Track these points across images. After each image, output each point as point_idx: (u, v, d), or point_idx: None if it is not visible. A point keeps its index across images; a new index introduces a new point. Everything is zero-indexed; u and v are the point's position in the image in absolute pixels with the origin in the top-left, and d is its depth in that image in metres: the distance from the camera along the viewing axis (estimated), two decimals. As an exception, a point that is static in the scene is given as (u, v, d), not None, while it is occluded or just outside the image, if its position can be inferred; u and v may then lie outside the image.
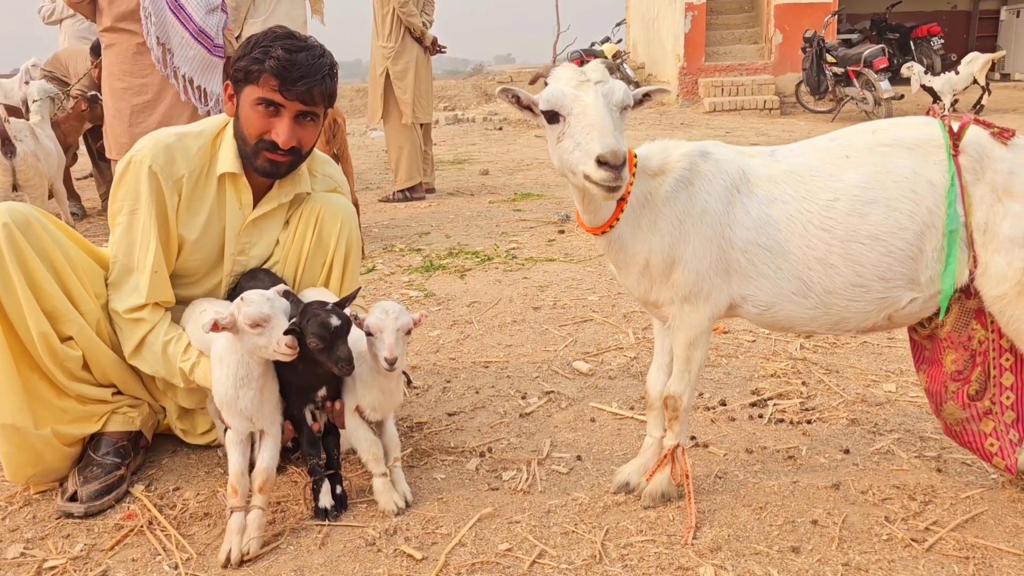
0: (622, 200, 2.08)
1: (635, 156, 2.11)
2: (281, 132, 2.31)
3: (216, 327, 2.00)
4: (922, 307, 2.04)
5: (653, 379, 2.31)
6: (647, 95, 2.03)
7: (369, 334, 2.15)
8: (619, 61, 17.12)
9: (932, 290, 2.00)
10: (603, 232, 2.12)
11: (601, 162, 1.80)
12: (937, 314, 2.07)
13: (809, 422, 2.73)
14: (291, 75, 2.25)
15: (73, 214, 6.79)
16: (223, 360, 2.13)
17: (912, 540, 2.04)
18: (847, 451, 2.52)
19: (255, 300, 2.05)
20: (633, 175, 2.09)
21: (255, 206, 2.50)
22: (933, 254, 1.96)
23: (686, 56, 15.25)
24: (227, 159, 2.41)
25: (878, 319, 2.06)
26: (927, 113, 2.15)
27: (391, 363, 2.11)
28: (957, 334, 2.07)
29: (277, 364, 2.18)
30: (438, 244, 5.70)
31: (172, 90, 4.37)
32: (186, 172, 2.39)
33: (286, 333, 2.03)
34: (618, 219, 2.09)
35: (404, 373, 2.38)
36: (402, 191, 7.62)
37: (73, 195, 7.16)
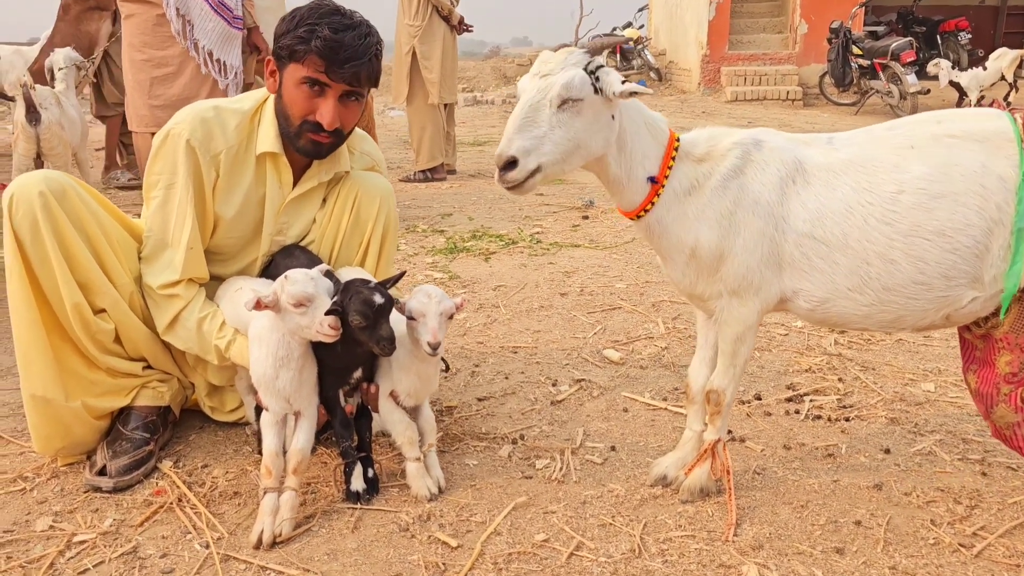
0: (656, 185, 2.03)
1: (677, 140, 2.06)
2: (326, 113, 2.25)
3: (259, 305, 1.96)
4: (982, 306, 1.97)
5: (695, 372, 2.25)
6: (633, 93, 1.91)
7: (411, 318, 2.10)
8: (640, 47, 16.98)
9: (994, 289, 1.93)
10: (637, 217, 2.07)
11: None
12: (995, 313, 2.00)
13: (847, 419, 2.67)
14: (338, 57, 2.18)
15: (131, 182, 6.77)
16: (262, 340, 2.08)
17: (960, 545, 1.99)
18: (888, 451, 2.47)
19: (299, 279, 2.00)
20: (673, 160, 2.04)
21: (294, 185, 2.44)
22: (999, 252, 1.89)
23: (709, 44, 15.09)
24: (267, 138, 2.36)
25: (936, 318, 2.00)
26: (957, 104, 2.09)
27: (434, 348, 2.06)
28: (1015, 335, 2.00)
29: (314, 344, 2.13)
30: (461, 226, 5.65)
31: (192, 63, 4.31)
32: (224, 148, 2.33)
33: (328, 313, 1.98)
34: (652, 203, 2.04)
35: (443, 359, 2.33)
36: (423, 171, 7.56)
37: (113, 164, 7.11)
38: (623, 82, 1.91)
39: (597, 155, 2.00)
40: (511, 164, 1.88)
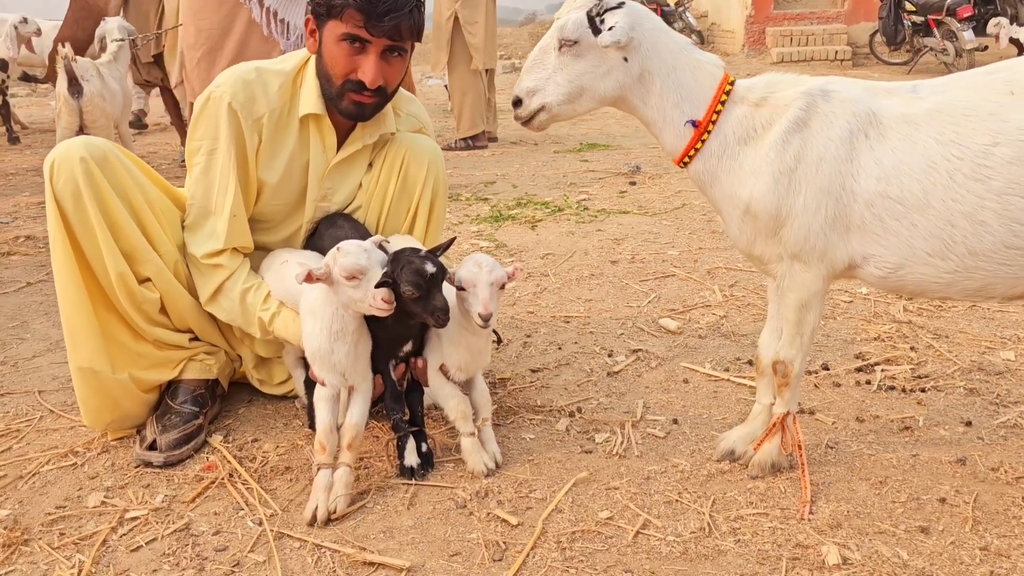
0: (698, 130, 1.92)
1: (730, 84, 1.95)
2: (368, 70, 2.14)
3: (310, 278, 1.88)
4: None
5: (765, 343, 2.11)
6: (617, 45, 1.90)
7: (461, 288, 2.00)
8: (681, 9, 16.53)
9: None
10: (683, 164, 1.99)
11: None
12: None
13: (923, 390, 2.53)
14: (377, 9, 2.07)
15: None
16: (316, 313, 2.00)
17: (1063, 525, 1.85)
18: (969, 423, 2.32)
19: (352, 251, 1.91)
20: (722, 104, 1.92)
21: (339, 149, 2.35)
22: None
23: (754, 3, 14.62)
24: (310, 99, 2.26)
25: None
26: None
27: (486, 319, 1.96)
28: None
29: (366, 317, 2.05)
30: (505, 194, 5.53)
31: (255, 32, 4.17)
32: (266, 111, 2.24)
33: (378, 286, 1.89)
34: (696, 150, 1.94)
35: (494, 331, 2.23)
36: (464, 139, 7.45)
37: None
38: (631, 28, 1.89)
39: (611, 97, 1.98)
40: (518, 103, 2.01)
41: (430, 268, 1.92)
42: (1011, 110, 1.73)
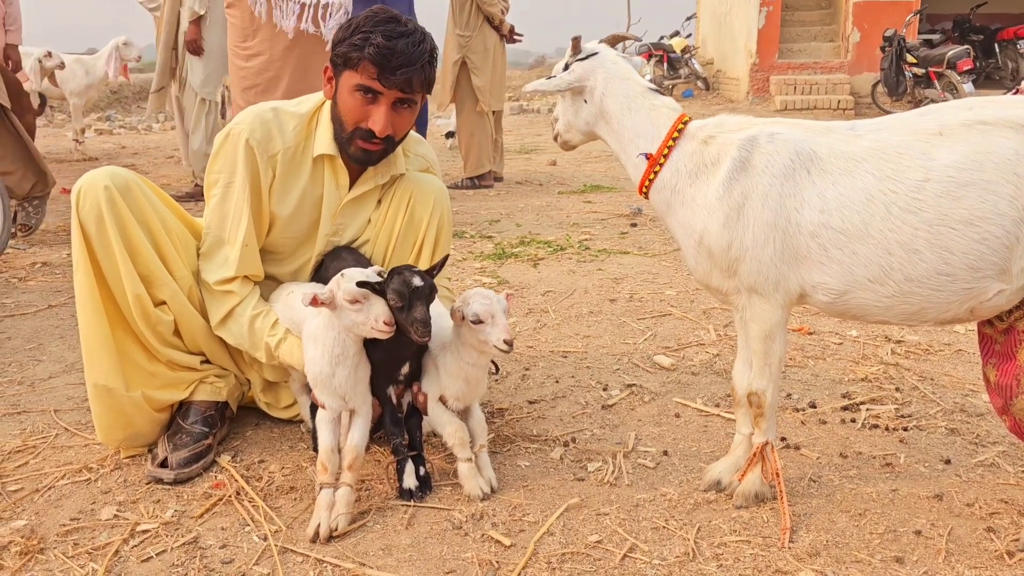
0: (650, 161, 2.14)
1: (684, 121, 2.15)
2: (378, 120, 2.28)
3: (315, 302, 2.00)
4: (1008, 299, 1.90)
5: (739, 374, 2.22)
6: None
7: (477, 322, 2.11)
8: (687, 56, 16.89)
9: (1022, 281, 1.85)
10: (643, 194, 2.20)
11: None
12: (1019, 306, 1.94)
13: (906, 429, 2.62)
14: (391, 63, 2.21)
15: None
16: (318, 338, 2.12)
17: (1027, 558, 1.94)
18: (948, 461, 2.42)
19: (355, 277, 2.04)
20: (674, 139, 2.12)
21: (351, 187, 2.49)
22: None
23: (759, 52, 14.93)
24: (324, 141, 2.40)
25: (960, 311, 1.93)
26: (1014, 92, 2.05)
27: (510, 344, 2.09)
28: None
29: (364, 342, 2.16)
30: (509, 232, 5.67)
31: (292, 64, 4.26)
32: (281, 149, 2.38)
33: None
34: (650, 180, 2.15)
35: (492, 362, 2.35)
36: (470, 178, 7.61)
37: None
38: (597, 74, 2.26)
39: (587, 131, 2.34)
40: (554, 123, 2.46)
41: (416, 281, 2.05)
42: (939, 149, 1.87)
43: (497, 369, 2.93)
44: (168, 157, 9.83)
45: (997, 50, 15.06)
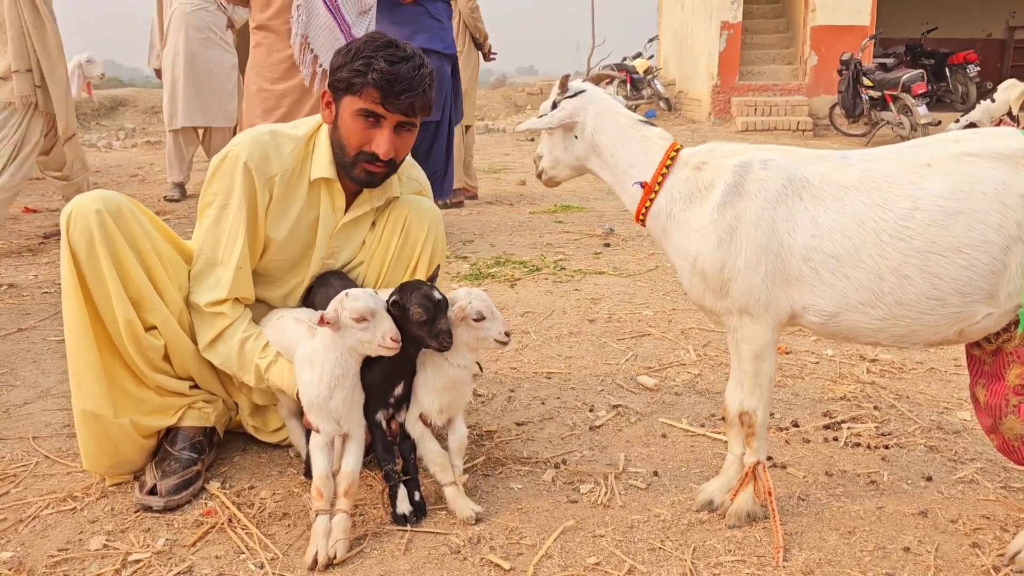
0: (646, 189, 2.19)
1: (676, 149, 2.22)
2: (382, 143, 2.31)
3: (322, 321, 2.00)
4: (995, 322, 1.98)
5: (731, 393, 2.26)
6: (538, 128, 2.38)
7: (479, 319, 2.17)
8: (650, 77, 17.13)
9: (1010, 305, 1.93)
10: (640, 222, 2.25)
11: None
12: (1006, 328, 2.02)
13: (887, 447, 2.68)
14: (394, 88, 2.24)
15: None
16: (315, 361, 2.11)
17: (1019, 572, 1.99)
18: (930, 478, 2.48)
19: (360, 296, 2.06)
20: (667, 167, 2.18)
21: (347, 210, 2.49)
22: (1017, 269, 1.90)
23: (720, 74, 15.22)
24: (322, 164, 2.41)
25: (949, 333, 2.00)
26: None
27: (510, 336, 2.21)
28: None
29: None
30: (483, 252, 5.69)
31: (310, 101, 4.26)
32: (279, 172, 2.38)
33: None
34: (646, 208, 2.20)
35: (476, 363, 2.37)
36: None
37: None
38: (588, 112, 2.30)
39: (577, 166, 2.38)
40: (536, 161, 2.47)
41: (437, 295, 2.13)
42: (927, 179, 1.95)
43: (480, 369, 2.96)
44: (131, 176, 9.68)
45: (948, 74, 15.55)
